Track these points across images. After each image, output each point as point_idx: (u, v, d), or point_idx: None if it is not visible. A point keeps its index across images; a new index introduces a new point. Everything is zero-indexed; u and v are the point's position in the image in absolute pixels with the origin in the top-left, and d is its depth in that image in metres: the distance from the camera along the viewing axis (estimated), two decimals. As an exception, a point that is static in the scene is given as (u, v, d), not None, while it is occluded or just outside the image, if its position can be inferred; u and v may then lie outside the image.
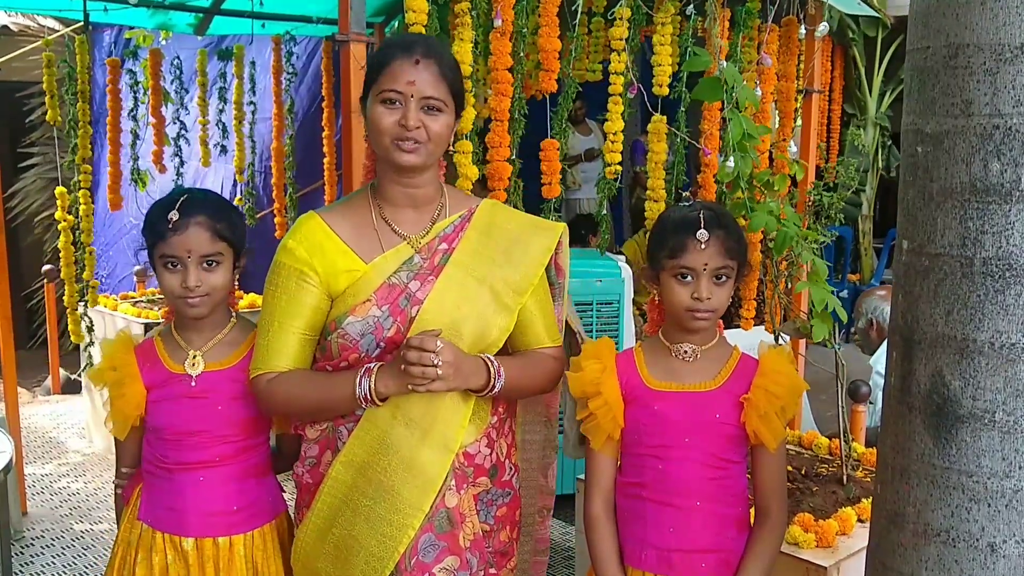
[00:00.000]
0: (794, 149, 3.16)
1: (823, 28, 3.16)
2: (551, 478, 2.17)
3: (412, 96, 1.76)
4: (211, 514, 1.94)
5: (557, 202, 3.08)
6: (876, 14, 5.10)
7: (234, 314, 2.05)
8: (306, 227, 1.86)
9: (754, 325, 3.65)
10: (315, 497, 1.85)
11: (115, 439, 2.03)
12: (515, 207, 2.88)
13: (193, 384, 1.95)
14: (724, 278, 1.85)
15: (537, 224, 2.00)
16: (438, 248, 1.86)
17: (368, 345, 1.79)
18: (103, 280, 6.37)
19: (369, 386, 1.73)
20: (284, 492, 2.11)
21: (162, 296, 2.16)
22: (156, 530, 1.95)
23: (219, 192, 6.13)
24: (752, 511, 1.94)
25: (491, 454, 1.89)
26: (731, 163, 2.42)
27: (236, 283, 2.03)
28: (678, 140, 3.25)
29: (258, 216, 5.71)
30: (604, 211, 3.25)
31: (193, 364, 1.96)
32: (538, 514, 2.18)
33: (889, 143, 7.74)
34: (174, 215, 1.88)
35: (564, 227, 1.99)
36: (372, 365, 1.76)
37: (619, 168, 3.11)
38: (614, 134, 3.05)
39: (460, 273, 1.84)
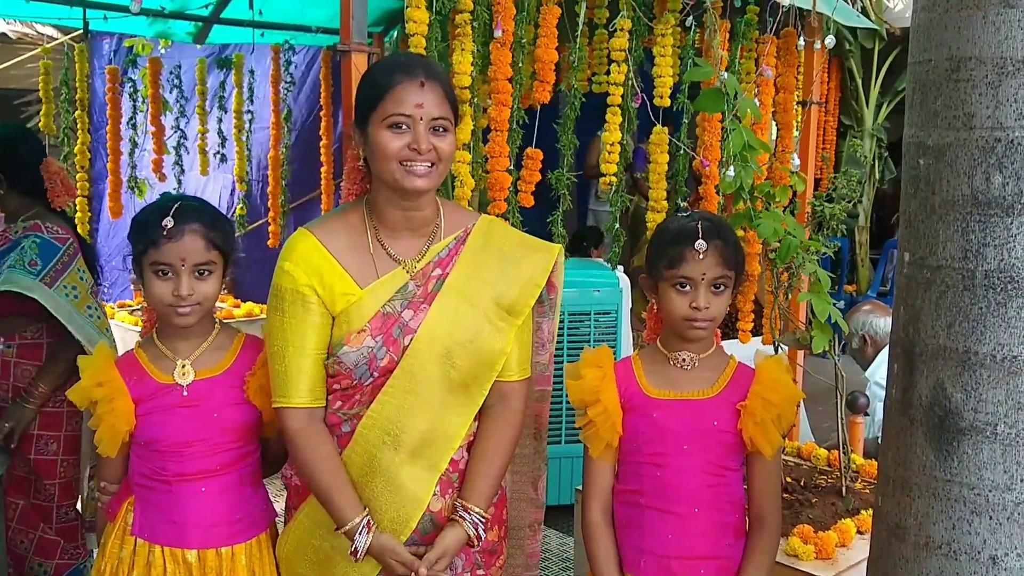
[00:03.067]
0: (797, 161, 3.16)
1: (830, 40, 3.16)
2: (541, 491, 2.14)
3: (421, 119, 1.73)
4: (213, 524, 1.93)
5: (565, 213, 3.08)
6: (874, 26, 5.12)
7: (217, 320, 2.03)
8: (301, 247, 1.81)
9: (752, 337, 3.64)
10: (298, 508, 1.86)
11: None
12: (514, 218, 2.88)
13: (185, 394, 1.92)
14: (722, 287, 1.86)
15: (534, 246, 1.96)
16: (432, 274, 1.83)
17: (361, 374, 1.78)
18: (105, 290, 6.36)
19: (365, 543, 1.74)
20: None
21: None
22: (154, 544, 1.91)
23: (218, 201, 6.15)
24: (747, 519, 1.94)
25: None
26: (731, 172, 2.41)
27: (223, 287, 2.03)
28: (680, 152, 3.26)
29: (251, 226, 5.71)
30: (616, 225, 3.25)
31: (183, 373, 1.93)
32: (529, 528, 2.15)
33: (885, 155, 7.77)
34: (169, 222, 1.85)
35: (560, 248, 1.97)
36: (372, 525, 1.76)
37: (615, 180, 3.12)
38: (611, 145, 3.05)
39: (454, 299, 1.82)
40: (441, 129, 1.76)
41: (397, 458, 1.78)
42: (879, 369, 3.78)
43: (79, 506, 2.99)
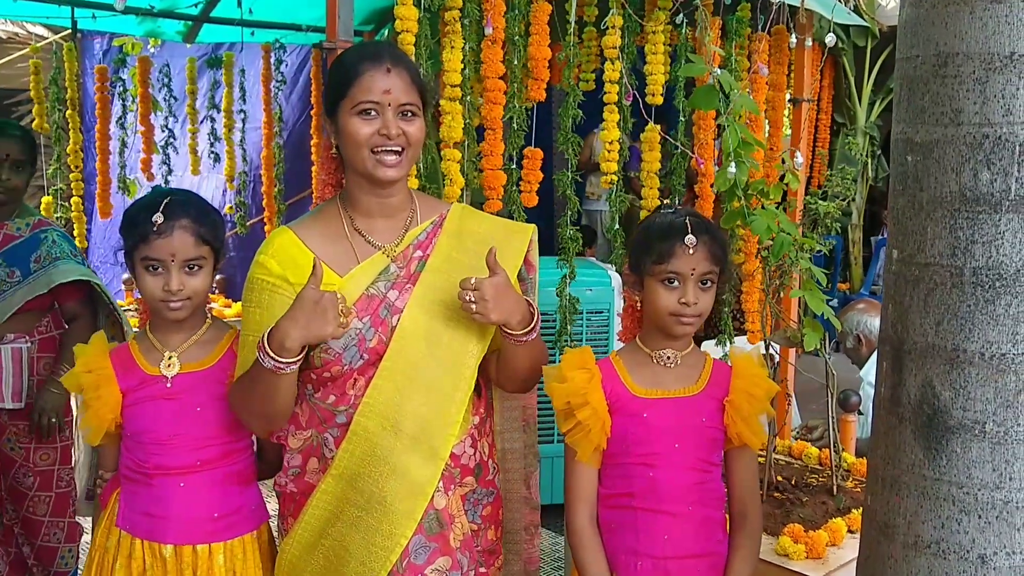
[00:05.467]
0: (800, 159, 3.14)
1: (831, 38, 3.15)
2: (534, 488, 2.13)
3: (389, 105, 1.76)
4: (191, 521, 1.92)
5: (573, 214, 3.07)
6: (866, 24, 5.12)
7: (209, 315, 2.03)
8: (278, 242, 1.84)
9: (736, 336, 3.63)
10: (303, 509, 1.83)
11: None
12: (513, 216, 2.87)
13: (168, 385, 1.93)
14: (709, 283, 1.86)
15: (508, 227, 2.02)
16: (413, 256, 1.86)
17: (351, 357, 1.78)
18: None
19: (263, 344, 1.65)
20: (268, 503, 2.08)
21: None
22: (135, 537, 1.92)
23: (210, 200, 6.12)
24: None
25: (475, 453, 1.88)
26: (733, 168, 2.39)
27: (214, 285, 2.03)
28: (678, 151, 3.25)
29: (249, 224, 5.70)
30: (617, 226, 3.24)
31: (168, 365, 1.94)
32: (525, 531, 2.13)
33: (878, 152, 7.76)
34: (159, 218, 1.85)
35: (533, 228, 2.00)
36: (267, 330, 1.68)
37: (615, 178, 3.11)
38: (610, 143, 3.04)
39: (437, 280, 1.84)
40: (409, 114, 1.79)
41: (399, 444, 1.77)
42: (873, 368, 3.77)
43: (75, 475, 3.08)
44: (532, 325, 1.79)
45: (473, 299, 1.71)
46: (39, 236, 2.90)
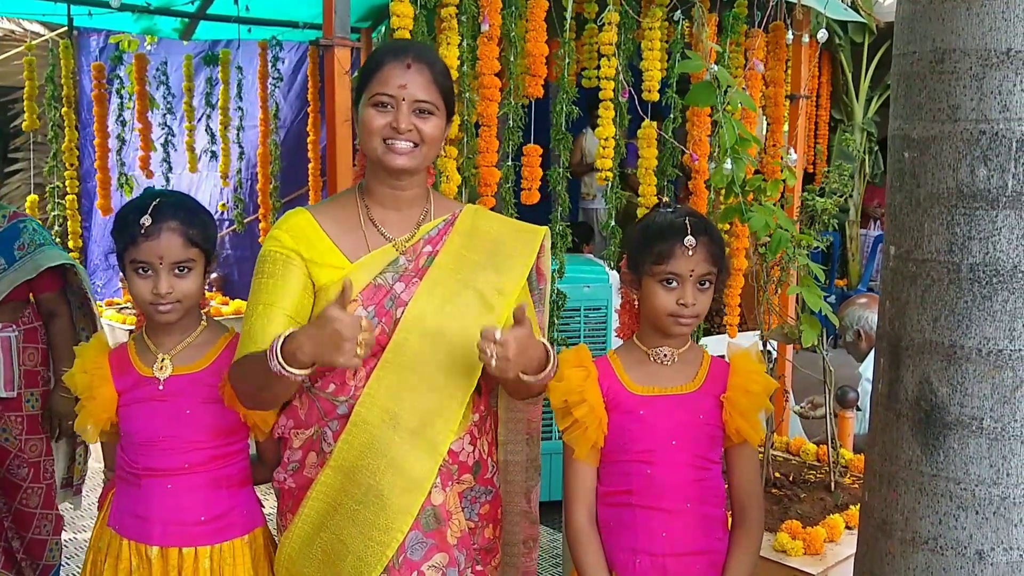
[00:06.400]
0: (794, 156, 3.14)
1: (823, 35, 3.16)
2: (534, 503, 2.10)
3: (403, 99, 1.78)
4: (176, 523, 1.91)
5: (564, 211, 3.06)
6: (863, 20, 5.12)
7: (204, 317, 2.03)
8: (294, 220, 1.86)
9: (716, 333, 3.64)
10: (301, 503, 1.82)
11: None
12: (508, 214, 2.87)
13: (161, 387, 1.93)
14: (707, 284, 1.86)
15: (520, 228, 2.01)
16: (423, 250, 1.87)
17: None
18: (98, 289, 6.34)
19: (276, 349, 1.62)
20: (263, 506, 2.07)
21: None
22: (123, 537, 1.92)
23: (209, 199, 6.13)
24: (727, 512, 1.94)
25: (474, 451, 1.88)
26: (728, 165, 2.39)
27: (207, 287, 2.02)
28: (668, 146, 3.24)
29: (246, 221, 5.70)
30: (613, 222, 3.23)
31: (161, 367, 1.94)
32: (523, 544, 2.11)
33: (876, 149, 7.76)
34: (146, 220, 1.85)
35: (546, 230, 2.00)
36: (285, 334, 1.65)
37: (610, 175, 3.10)
38: (605, 140, 3.04)
39: (444, 275, 1.84)
40: (426, 112, 1.81)
41: (397, 437, 1.77)
42: (871, 364, 3.77)
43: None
44: (547, 370, 1.76)
45: (494, 354, 1.65)
46: (18, 226, 2.92)
